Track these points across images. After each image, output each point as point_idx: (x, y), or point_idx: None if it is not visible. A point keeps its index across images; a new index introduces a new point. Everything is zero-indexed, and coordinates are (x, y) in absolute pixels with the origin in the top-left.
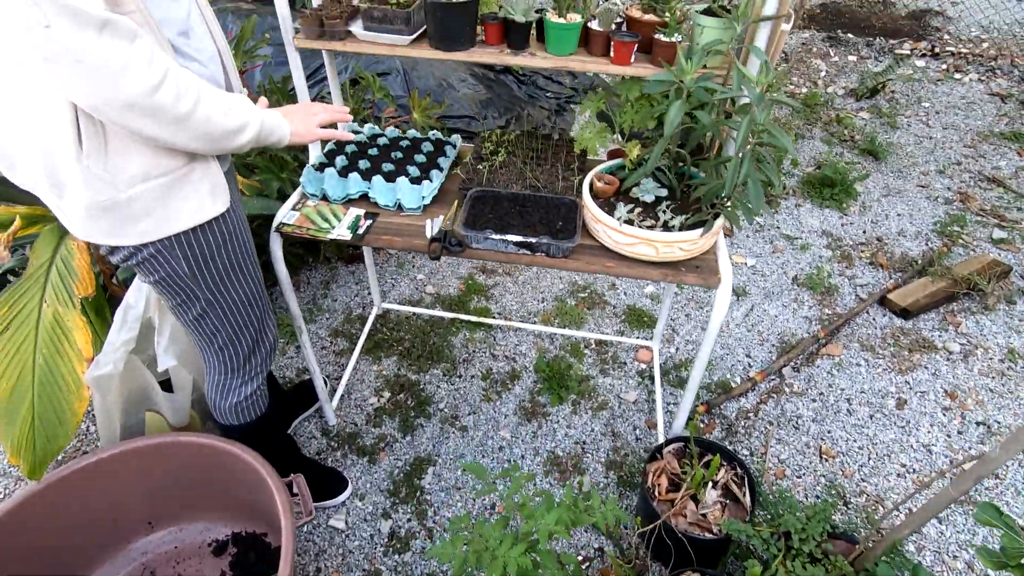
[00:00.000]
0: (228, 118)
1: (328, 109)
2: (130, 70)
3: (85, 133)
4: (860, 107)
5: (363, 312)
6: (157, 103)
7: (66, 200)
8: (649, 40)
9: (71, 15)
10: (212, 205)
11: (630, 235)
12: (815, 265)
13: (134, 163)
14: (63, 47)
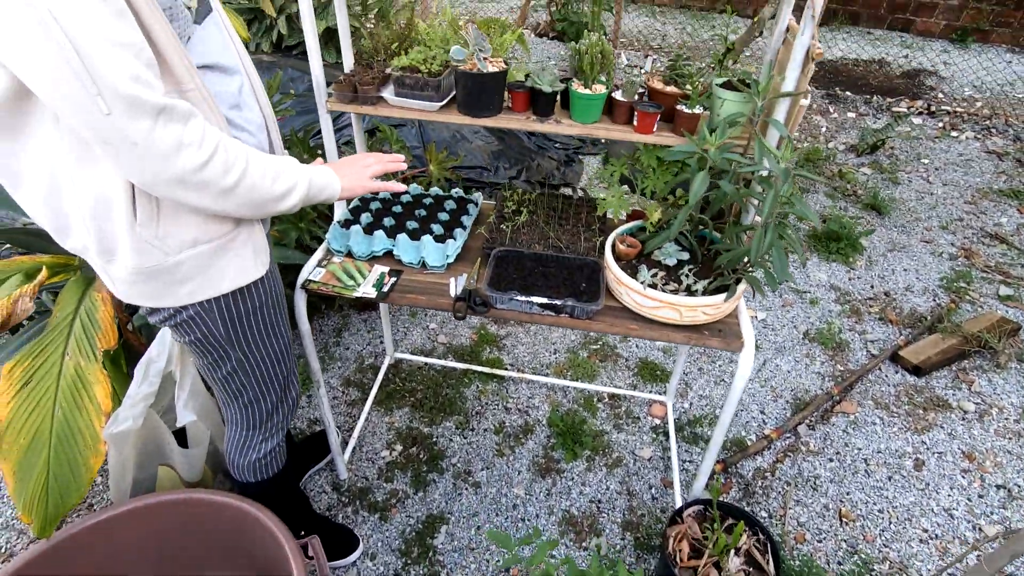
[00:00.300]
0: (275, 184)
1: (382, 159)
2: (182, 150)
3: (139, 202)
4: (861, 162)
5: (375, 361)
6: (205, 178)
7: (114, 264)
8: (671, 110)
9: (132, 104)
10: (254, 268)
11: (655, 299)
12: (825, 320)
13: (184, 230)
14: (121, 132)
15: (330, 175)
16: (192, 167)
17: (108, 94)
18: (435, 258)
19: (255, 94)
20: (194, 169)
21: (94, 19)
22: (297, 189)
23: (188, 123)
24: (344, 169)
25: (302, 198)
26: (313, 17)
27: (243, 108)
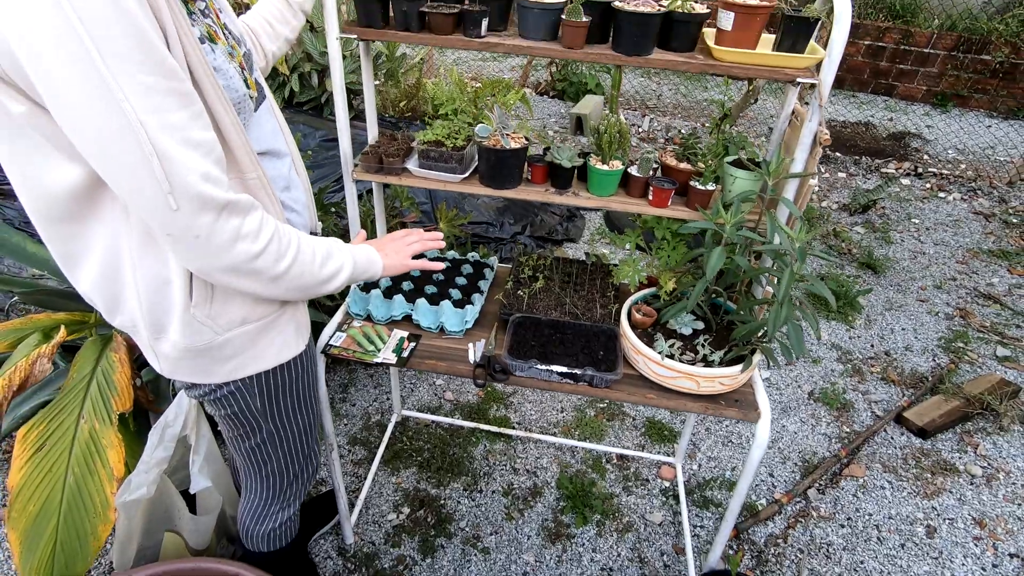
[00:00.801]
0: (323, 268)
1: (422, 238)
2: (239, 242)
3: (196, 284)
4: (855, 222)
5: (382, 419)
6: (258, 267)
7: (163, 342)
8: (685, 185)
9: (201, 202)
10: (295, 343)
11: (673, 369)
12: (828, 380)
13: (235, 309)
14: (186, 226)
15: (373, 255)
16: (246, 257)
17: (179, 192)
18: (454, 323)
19: (298, 171)
20: (248, 259)
21: (175, 121)
22: (343, 271)
23: (248, 216)
24: (386, 247)
25: (347, 279)
26: (345, 100)
27: (292, 188)
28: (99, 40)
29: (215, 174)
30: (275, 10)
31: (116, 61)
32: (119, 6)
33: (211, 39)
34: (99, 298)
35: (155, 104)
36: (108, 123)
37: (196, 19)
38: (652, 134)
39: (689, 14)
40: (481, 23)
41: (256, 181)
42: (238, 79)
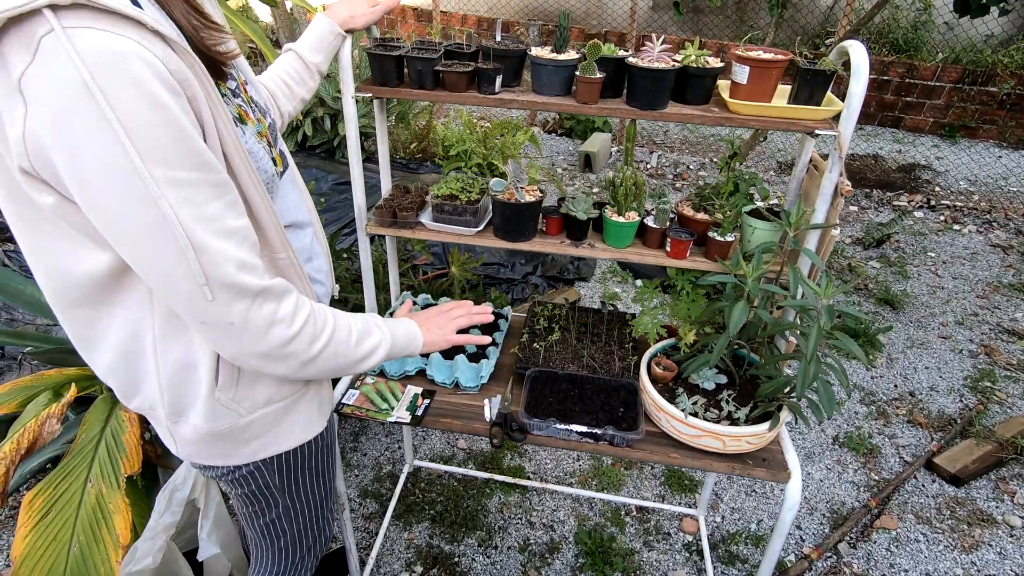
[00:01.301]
0: (358, 348)
1: (469, 312)
2: (274, 327)
3: (223, 367)
4: (869, 256)
5: (393, 469)
6: (291, 351)
7: (183, 425)
8: (703, 235)
9: (237, 291)
10: (319, 421)
11: (697, 428)
12: (853, 423)
13: (260, 390)
14: (221, 315)
15: (413, 331)
16: (281, 342)
17: (215, 284)
18: (468, 378)
19: (318, 237)
20: (282, 343)
21: (211, 213)
22: (379, 349)
23: (282, 301)
24: (429, 323)
25: (384, 357)
26: (360, 159)
27: (315, 258)
28: (137, 140)
29: (250, 261)
30: (292, 71)
31: (153, 159)
32: (157, 104)
33: (241, 120)
34: (116, 381)
35: (190, 197)
36: (144, 219)
37: (228, 100)
38: (660, 170)
39: (704, 68)
40: (495, 80)
41: (286, 260)
42: (267, 159)
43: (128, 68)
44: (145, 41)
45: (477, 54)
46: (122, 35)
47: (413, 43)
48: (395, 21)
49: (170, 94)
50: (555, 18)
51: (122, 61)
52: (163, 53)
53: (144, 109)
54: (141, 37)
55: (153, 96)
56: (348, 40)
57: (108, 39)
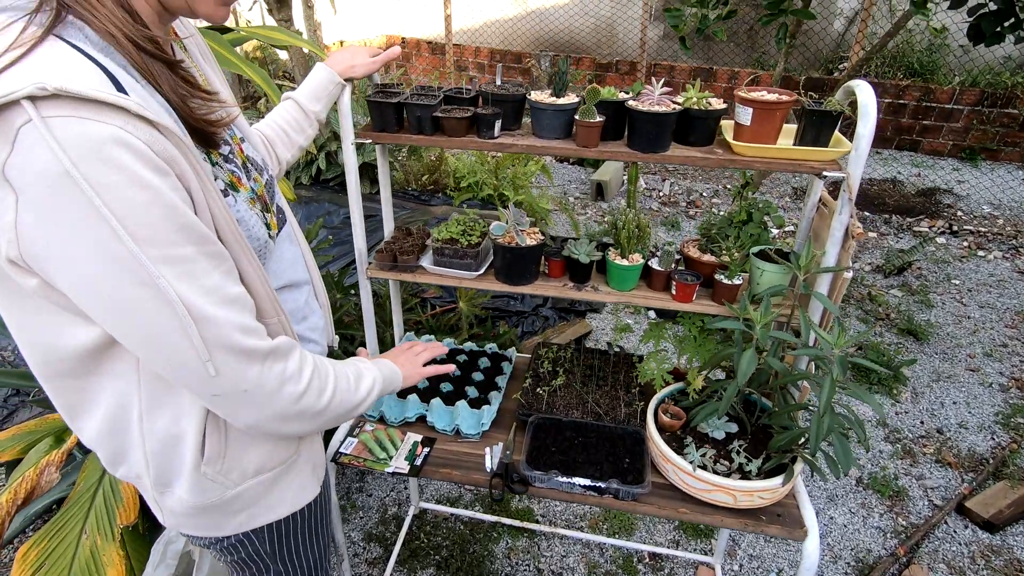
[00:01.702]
0: (357, 393)
1: (428, 347)
2: (285, 385)
3: (209, 440)
4: (890, 284)
5: (399, 511)
6: (303, 406)
7: (168, 497)
8: (710, 277)
9: (243, 356)
10: (312, 486)
11: (706, 482)
12: (877, 463)
13: (249, 460)
14: (233, 384)
15: (392, 368)
16: (292, 399)
17: (222, 355)
18: (469, 425)
19: (317, 293)
20: (294, 400)
21: (211, 284)
22: (375, 388)
23: (289, 358)
24: (400, 359)
25: (378, 395)
26: (360, 205)
27: (310, 317)
28: (128, 223)
29: (253, 325)
30: (291, 119)
31: (147, 240)
32: (144, 185)
33: (233, 187)
34: (102, 450)
35: (190, 271)
36: (144, 302)
37: (220, 169)
38: (673, 198)
39: (706, 111)
40: (494, 124)
41: (277, 324)
42: (259, 225)
43: (111, 154)
44: (128, 125)
45: (477, 99)
46: (103, 121)
47: (413, 89)
48: (410, 54)
49: (157, 174)
50: (567, 49)
51: (104, 147)
52: (147, 135)
53: (132, 192)
54: (124, 122)
55: (139, 178)
56: (348, 88)
57: (88, 126)
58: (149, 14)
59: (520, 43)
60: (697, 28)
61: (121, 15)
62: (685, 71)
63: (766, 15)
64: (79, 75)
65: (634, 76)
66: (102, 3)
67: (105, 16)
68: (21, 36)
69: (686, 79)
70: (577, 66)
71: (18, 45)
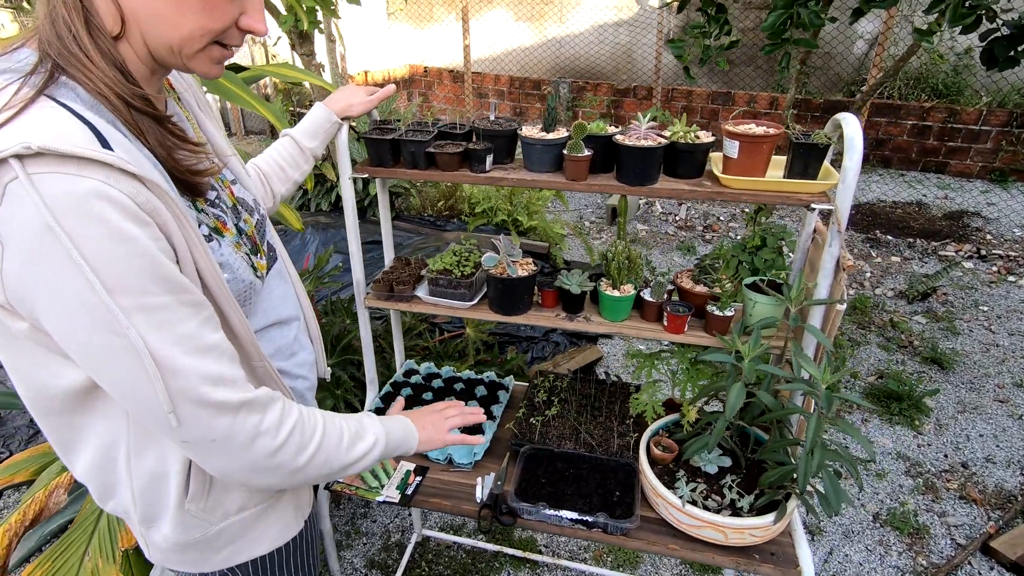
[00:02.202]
0: (350, 452)
1: (463, 412)
2: (259, 439)
3: (193, 479)
4: (913, 310)
5: (402, 538)
6: (277, 461)
7: (154, 532)
8: (702, 308)
9: (211, 408)
10: (295, 524)
11: (696, 518)
12: (896, 498)
13: (232, 499)
14: (198, 434)
15: (408, 429)
16: (266, 454)
17: (185, 408)
18: (462, 455)
19: (309, 327)
20: (268, 455)
21: (186, 332)
22: (373, 451)
23: (267, 411)
24: (423, 420)
25: (378, 458)
26: (358, 237)
27: (298, 353)
28: (103, 274)
29: (230, 375)
30: (288, 155)
31: (121, 290)
32: (123, 238)
33: (219, 232)
34: (92, 485)
35: (165, 320)
36: (114, 350)
37: (205, 215)
38: (690, 222)
39: (693, 144)
40: (485, 159)
41: (263, 367)
42: (244, 268)
43: (91, 208)
44: (111, 179)
45: (471, 134)
46: (85, 176)
47: (408, 125)
48: (432, 83)
49: (137, 225)
50: (586, 75)
51: (85, 202)
52: (130, 187)
53: (110, 244)
54: (106, 175)
55: (118, 231)
56: (345, 127)
57: (71, 182)
58: (142, 71)
59: (539, 70)
60: (700, 58)
61: (113, 75)
62: (703, 95)
63: (768, 45)
64: (64, 133)
65: (652, 101)
66: (95, 64)
67: (98, 77)
68: (14, 97)
69: (704, 103)
70: (595, 92)
71: (10, 107)
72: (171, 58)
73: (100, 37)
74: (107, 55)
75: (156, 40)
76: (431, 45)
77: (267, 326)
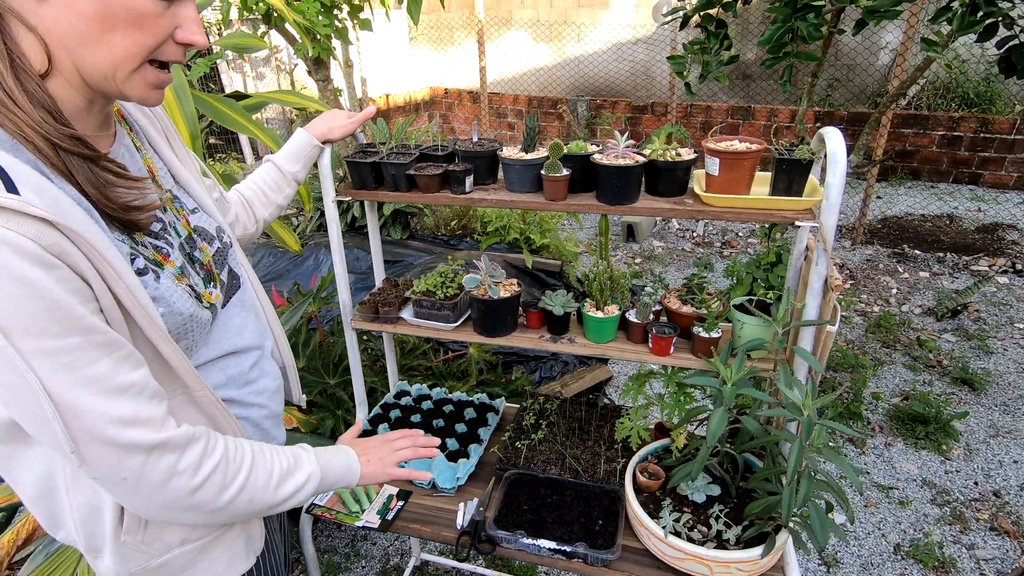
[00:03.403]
0: (279, 490)
1: (415, 444)
2: (174, 479)
3: (127, 514)
4: (943, 328)
5: (400, 561)
6: (196, 501)
7: (99, 563)
8: (688, 329)
9: (118, 449)
10: (244, 559)
11: (678, 549)
12: (920, 528)
13: (171, 532)
14: (106, 473)
15: (350, 462)
16: (183, 493)
17: (90, 447)
18: (445, 479)
19: (277, 352)
20: (185, 494)
21: (96, 373)
22: (306, 487)
23: (185, 451)
24: (370, 452)
25: (312, 494)
26: (343, 256)
27: (256, 381)
28: (2, 318)
29: (145, 415)
30: (270, 180)
31: (20, 332)
32: (23, 281)
33: (158, 264)
34: (40, 514)
35: (70, 363)
36: (17, 390)
37: (144, 247)
38: (707, 238)
39: (672, 162)
40: (465, 180)
41: (205, 397)
42: (184, 300)
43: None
44: (11, 223)
45: (453, 155)
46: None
47: (391, 148)
48: (452, 104)
49: (41, 267)
50: (604, 93)
51: None
52: (34, 231)
53: (7, 287)
54: (6, 220)
55: (18, 274)
56: (327, 151)
57: None
58: (79, 103)
59: (558, 89)
60: (700, 74)
61: (39, 116)
62: (722, 110)
63: (768, 59)
64: None
65: (668, 117)
66: (19, 108)
67: (22, 120)
68: None
69: (724, 118)
70: (612, 110)
71: None
72: (106, 84)
73: (26, 78)
74: (33, 96)
75: (88, 67)
76: (452, 67)
77: (220, 356)
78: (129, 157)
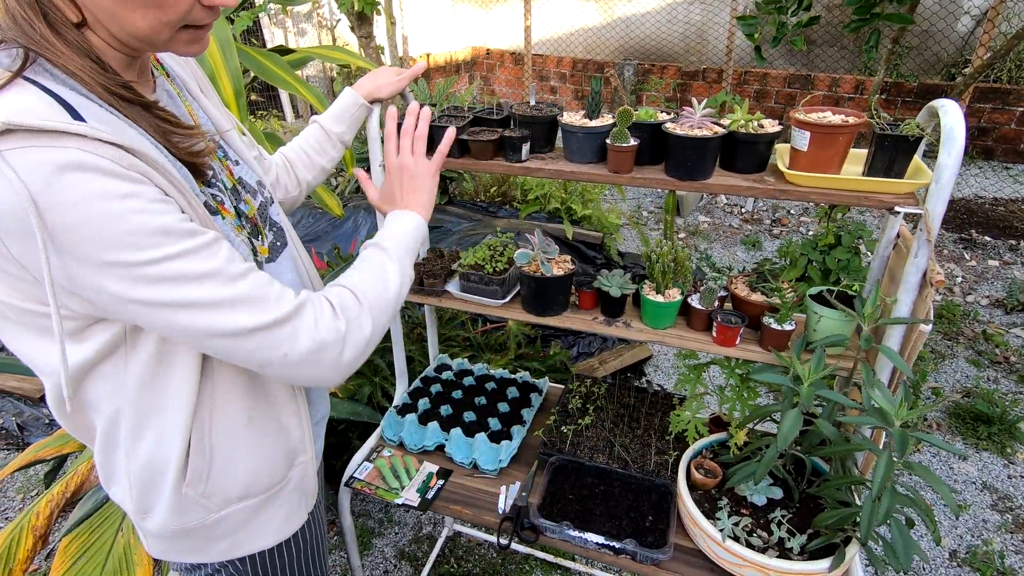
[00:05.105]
0: (388, 288)
1: (407, 132)
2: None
3: (192, 463)
4: (1012, 322)
5: (433, 530)
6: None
7: (149, 521)
8: (757, 319)
9: (265, 329)
10: (299, 515)
11: (737, 555)
12: (979, 534)
13: (234, 483)
14: (270, 353)
15: (407, 220)
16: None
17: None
18: (487, 461)
19: None
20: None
21: (214, 268)
22: (403, 266)
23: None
24: (406, 197)
25: (411, 266)
26: None
27: None
28: (109, 234)
29: (270, 294)
30: (315, 141)
31: (133, 246)
32: (118, 196)
33: (218, 213)
34: (98, 464)
35: (187, 266)
36: (154, 304)
37: (203, 196)
38: (756, 215)
39: (755, 134)
40: (521, 148)
41: None
42: (245, 251)
43: (71, 175)
44: (87, 146)
45: (508, 120)
46: (60, 147)
47: (443, 109)
48: (494, 65)
49: (131, 183)
50: (653, 57)
51: (63, 171)
52: (113, 153)
53: (102, 205)
54: (83, 143)
55: (105, 191)
56: (375, 111)
57: (47, 153)
58: (118, 58)
59: (604, 52)
60: (774, 37)
61: (85, 64)
62: (779, 79)
63: (854, 21)
64: (32, 109)
65: (721, 85)
66: (68, 57)
67: (75, 65)
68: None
69: (780, 87)
70: (661, 75)
71: None
72: (144, 47)
73: (63, 27)
74: (74, 45)
75: (120, 34)
76: (496, 26)
77: None
78: (172, 104)
